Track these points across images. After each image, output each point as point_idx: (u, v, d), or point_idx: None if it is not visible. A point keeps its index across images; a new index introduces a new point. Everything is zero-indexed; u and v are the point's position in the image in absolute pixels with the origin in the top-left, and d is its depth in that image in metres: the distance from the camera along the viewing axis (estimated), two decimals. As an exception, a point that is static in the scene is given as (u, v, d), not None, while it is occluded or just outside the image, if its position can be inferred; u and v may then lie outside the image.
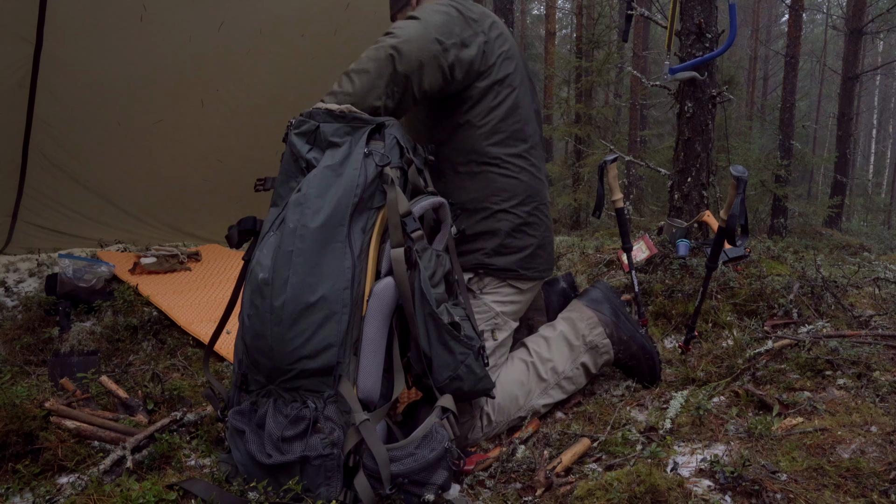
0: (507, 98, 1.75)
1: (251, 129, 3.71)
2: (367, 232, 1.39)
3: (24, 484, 1.41)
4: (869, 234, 11.15)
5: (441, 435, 1.33)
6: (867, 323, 2.08)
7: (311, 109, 1.48)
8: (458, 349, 1.43)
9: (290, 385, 1.32)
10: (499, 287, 1.77)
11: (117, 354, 2.30)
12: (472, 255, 1.75)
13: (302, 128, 1.47)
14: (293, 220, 1.35)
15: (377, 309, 1.38)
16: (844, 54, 10.40)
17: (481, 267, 1.74)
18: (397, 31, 1.58)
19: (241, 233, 1.52)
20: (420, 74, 1.57)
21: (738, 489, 1.20)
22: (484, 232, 1.75)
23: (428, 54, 1.57)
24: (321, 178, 1.39)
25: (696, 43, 3.06)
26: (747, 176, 1.79)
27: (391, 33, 1.58)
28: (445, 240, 1.59)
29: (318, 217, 1.34)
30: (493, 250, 1.74)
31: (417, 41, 1.56)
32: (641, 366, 1.86)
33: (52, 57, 2.94)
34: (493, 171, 1.74)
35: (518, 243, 1.76)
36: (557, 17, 16.44)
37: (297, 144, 1.46)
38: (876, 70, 18.35)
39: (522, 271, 1.78)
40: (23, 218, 3.53)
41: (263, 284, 1.33)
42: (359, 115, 1.46)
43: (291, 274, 1.31)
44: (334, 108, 1.46)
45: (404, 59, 1.54)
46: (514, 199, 1.76)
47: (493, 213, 1.74)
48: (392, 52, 1.54)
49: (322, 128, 1.45)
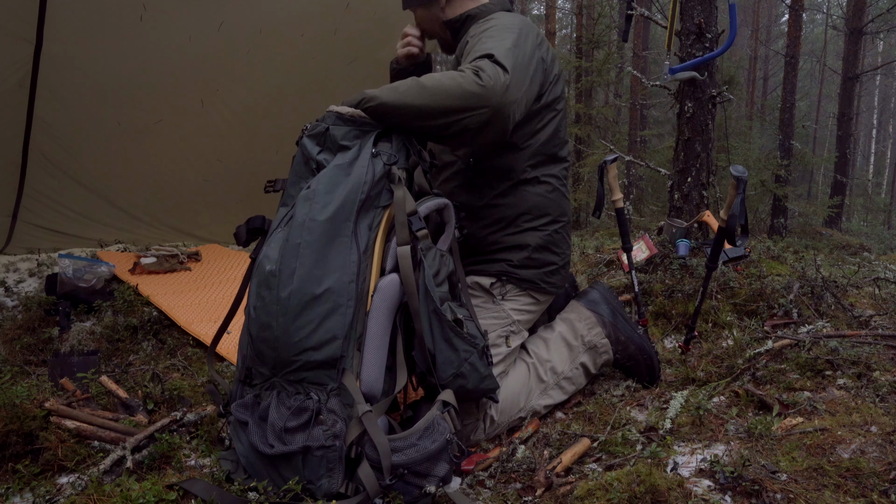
0: (552, 121, 1.77)
1: (251, 128, 3.72)
2: (373, 229, 1.41)
3: (24, 484, 1.41)
4: (869, 234, 11.15)
5: (442, 427, 1.34)
6: (867, 323, 2.08)
7: (324, 114, 1.51)
8: (462, 346, 1.44)
9: (293, 377, 1.33)
10: (518, 295, 1.78)
11: (117, 354, 2.30)
12: (498, 263, 1.76)
13: (314, 130, 1.49)
14: (301, 214, 1.37)
15: (381, 305, 1.39)
16: (844, 54, 10.39)
17: (505, 274, 1.76)
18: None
19: (250, 231, 1.54)
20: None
21: (738, 489, 1.19)
22: (512, 246, 1.76)
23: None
24: (330, 175, 1.41)
25: (696, 43, 3.06)
26: (747, 176, 1.79)
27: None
28: (449, 241, 1.59)
29: (325, 211, 1.36)
30: (520, 262, 1.76)
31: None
32: (640, 366, 1.86)
33: (52, 57, 2.94)
34: (528, 190, 1.76)
35: (543, 259, 1.79)
36: (557, 16, 16.44)
37: (307, 146, 1.48)
38: (876, 70, 18.35)
39: (543, 284, 1.80)
40: (23, 218, 3.54)
41: (271, 276, 1.35)
42: (367, 119, 1.48)
43: (298, 265, 1.33)
44: (344, 112, 1.47)
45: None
46: (545, 217, 1.78)
47: (523, 229, 1.76)
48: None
49: (332, 130, 1.46)
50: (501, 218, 1.76)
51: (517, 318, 1.78)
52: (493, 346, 1.72)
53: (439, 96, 1.44)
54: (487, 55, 1.48)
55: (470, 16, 1.81)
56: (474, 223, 1.77)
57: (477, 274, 1.77)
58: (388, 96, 1.46)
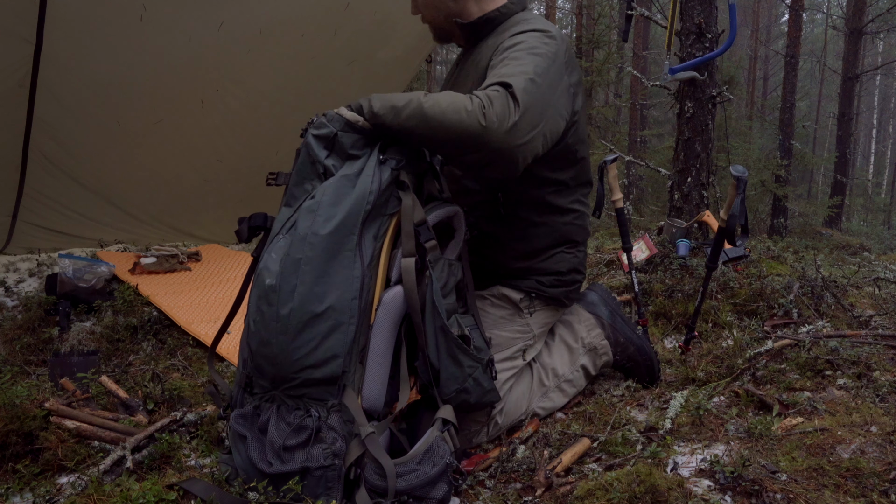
0: (578, 151, 1.70)
1: (251, 128, 3.71)
2: (378, 239, 1.37)
3: (24, 484, 1.41)
4: (869, 234, 11.14)
5: (443, 450, 1.32)
6: (867, 323, 2.08)
7: (331, 112, 1.43)
8: (468, 362, 1.42)
9: (294, 392, 1.30)
10: (543, 310, 1.78)
11: (117, 354, 2.30)
12: (528, 280, 1.74)
13: (321, 131, 1.41)
14: (304, 227, 1.32)
15: (386, 318, 1.36)
16: (844, 54, 10.39)
17: (535, 291, 1.74)
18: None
19: (251, 229, 1.50)
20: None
21: (738, 489, 1.19)
22: (544, 271, 1.74)
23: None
24: (336, 186, 1.35)
25: (696, 43, 3.06)
26: (747, 176, 1.79)
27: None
28: (458, 248, 1.56)
29: (328, 224, 1.31)
30: (550, 283, 1.75)
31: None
32: (639, 367, 1.86)
33: (53, 57, 2.94)
34: (560, 220, 1.73)
35: (571, 279, 1.79)
36: (557, 17, 16.44)
37: (314, 146, 1.41)
38: (876, 70, 18.36)
39: (566, 300, 1.81)
40: (23, 218, 3.53)
41: (270, 291, 1.30)
42: (371, 128, 1.42)
43: (299, 283, 1.28)
44: (353, 120, 1.41)
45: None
46: (572, 243, 1.77)
47: (554, 256, 1.74)
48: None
49: (340, 137, 1.40)
50: (532, 249, 1.72)
51: (538, 331, 1.78)
52: (511, 359, 1.72)
53: (438, 129, 1.33)
54: (505, 84, 1.35)
55: (489, 19, 1.67)
56: (503, 253, 1.73)
57: (506, 286, 1.74)
58: (389, 117, 1.37)
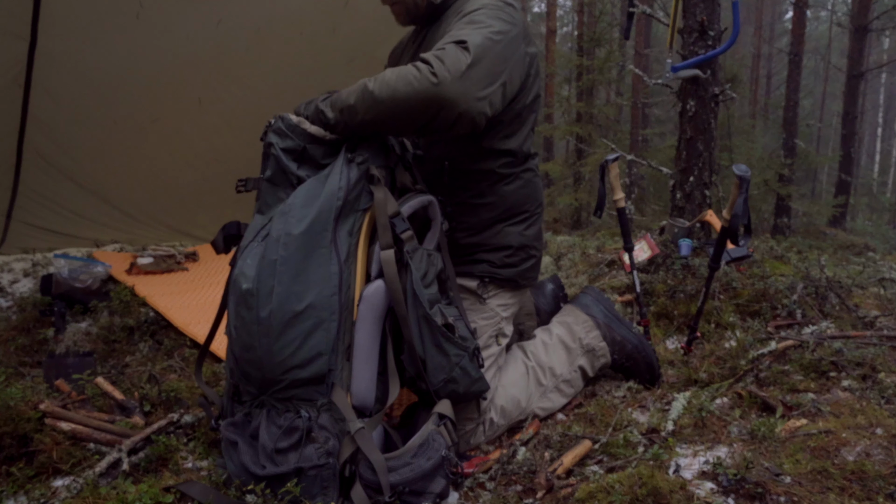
0: (529, 120, 1.70)
1: (249, 127, 3.67)
2: (353, 235, 1.37)
3: (18, 487, 1.40)
4: (873, 234, 11.08)
5: (438, 443, 1.32)
6: (872, 324, 2.06)
7: (291, 122, 1.42)
8: (453, 351, 1.42)
9: (282, 395, 1.30)
10: (501, 292, 1.76)
11: (113, 356, 2.28)
12: (480, 264, 1.72)
13: (287, 143, 1.41)
14: (277, 230, 1.33)
15: (368, 313, 1.36)
16: (849, 52, 10.35)
17: (488, 275, 1.73)
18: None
19: (227, 238, 1.50)
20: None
21: (742, 492, 1.18)
22: (493, 247, 1.72)
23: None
24: (307, 188, 1.37)
25: (699, 41, 3.04)
26: (750, 175, 1.78)
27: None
28: (436, 238, 1.56)
29: (301, 224, 1.32)
30: (501, 263, 1.73)
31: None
32: (639, 365, 1.85)
33: (47, 54, 2.93)
34: (506, 189, 1.70)
35: (522, 256, 1.75)
36: (558, 14, 16.43)
37: (283, 159, 1.41)
38: (881, 68, 18.31)
39: (522, 281, 1.78)
40: (17, 217, 3.51)
41: (248, 295, 1.30)
42: (338, 137, 1.42)
43: (276, 283, 1.28)
44: (320, 135, 1.41)
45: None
46: (524, 213, 1.73)
47: (503, 230, 1.71)
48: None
49: (310, 150, 1.40)
50: (480, 221, 1.70)
51: (504, 314, 1.75)
52: (486, 347, 1.70)
53: (396, 108, 1.31)
54: (458, 41, 1.33)
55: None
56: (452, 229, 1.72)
57: (461, 276, 1.73)
58: (349, 119, 1.37)
